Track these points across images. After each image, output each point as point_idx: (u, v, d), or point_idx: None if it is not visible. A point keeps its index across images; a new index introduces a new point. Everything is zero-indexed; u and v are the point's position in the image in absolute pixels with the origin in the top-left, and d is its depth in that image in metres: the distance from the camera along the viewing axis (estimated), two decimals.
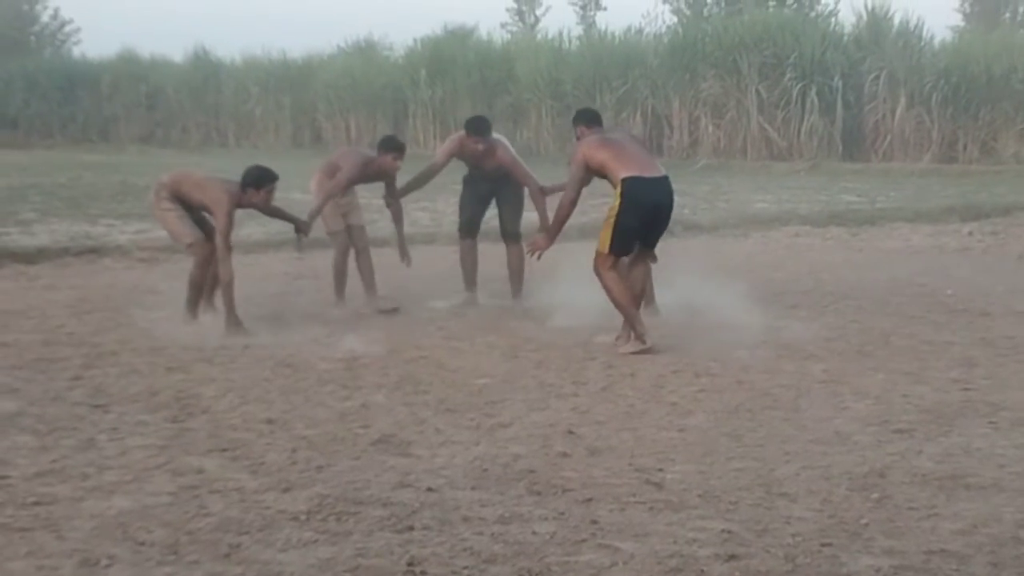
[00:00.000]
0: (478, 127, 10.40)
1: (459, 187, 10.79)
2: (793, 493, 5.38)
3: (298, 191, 12.64)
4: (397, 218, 10.66)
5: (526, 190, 10.57)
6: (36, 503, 5.15)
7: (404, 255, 10.60)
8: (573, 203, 8.95)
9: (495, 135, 10.66)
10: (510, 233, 10.67)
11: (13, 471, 5.61)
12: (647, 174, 8.74)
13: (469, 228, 10.71)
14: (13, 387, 7.30)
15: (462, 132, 10.51)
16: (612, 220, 8.70)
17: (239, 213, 9.38)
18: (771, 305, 10.35)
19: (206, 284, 9.40)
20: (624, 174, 8.63)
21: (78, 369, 7.85)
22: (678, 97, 32.11)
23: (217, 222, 9.09)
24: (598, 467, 5.79)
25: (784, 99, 30.39)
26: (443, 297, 10.62)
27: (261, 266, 12.45)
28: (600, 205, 10.58)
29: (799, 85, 30.07)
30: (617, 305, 8.72)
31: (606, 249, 8.70)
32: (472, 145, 10.31)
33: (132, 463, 5.78)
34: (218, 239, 9.04)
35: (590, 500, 5.27)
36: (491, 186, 10.61)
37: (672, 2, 46.20)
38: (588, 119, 9.57)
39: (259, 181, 9.26)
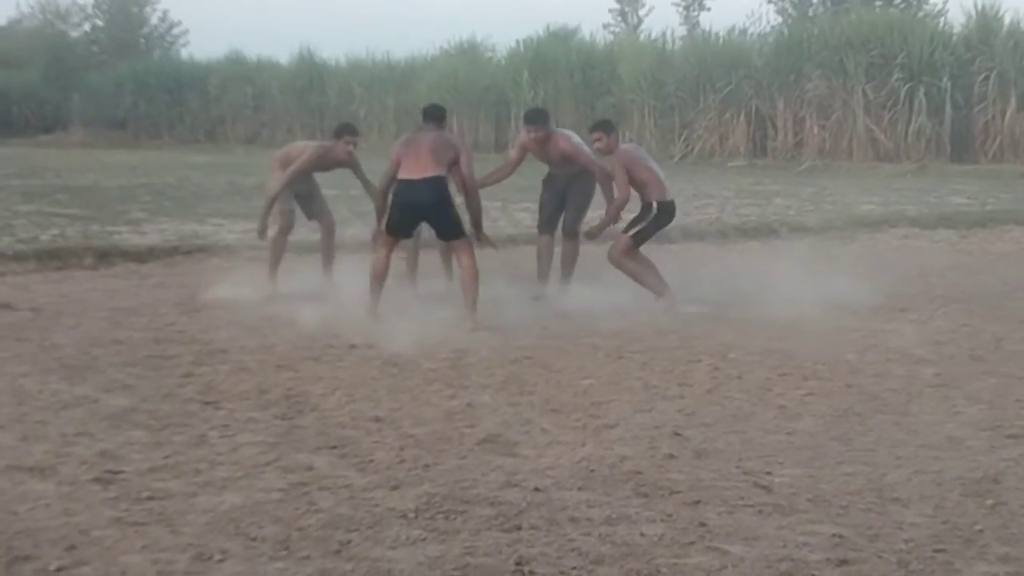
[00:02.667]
0: (533, 117, 11.14)
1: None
2: (905, 498, 5.30)
3: None
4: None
5: (594, 195, 11.02)
6: (150, 498, 5.23)
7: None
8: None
9: (563, 130, 11.34)
10: (569, 230, 11.05)
11: (127, 466, 5.71)
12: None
13: (547, 225, 11.16)
14: (126, 383, 7.42)
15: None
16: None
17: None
18: (880, 308, 10.23)
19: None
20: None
21: (189, 366, 7.96)
22: (783, 98, 31.88)
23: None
24: (705, 469, 5.75)
25: (891, 100, 30.04)
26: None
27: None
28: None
29: (906, 86, 29.70)
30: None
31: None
32: (529, 135, 10.79)
33: (243, 459, 5.85)
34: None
35: (698, 502, 5.24)
36: (565, 184, 11.01)
37: (777, 2, 45.87)
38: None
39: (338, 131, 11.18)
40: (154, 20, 59.13)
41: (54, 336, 8.85)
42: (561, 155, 10.82)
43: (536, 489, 5.38)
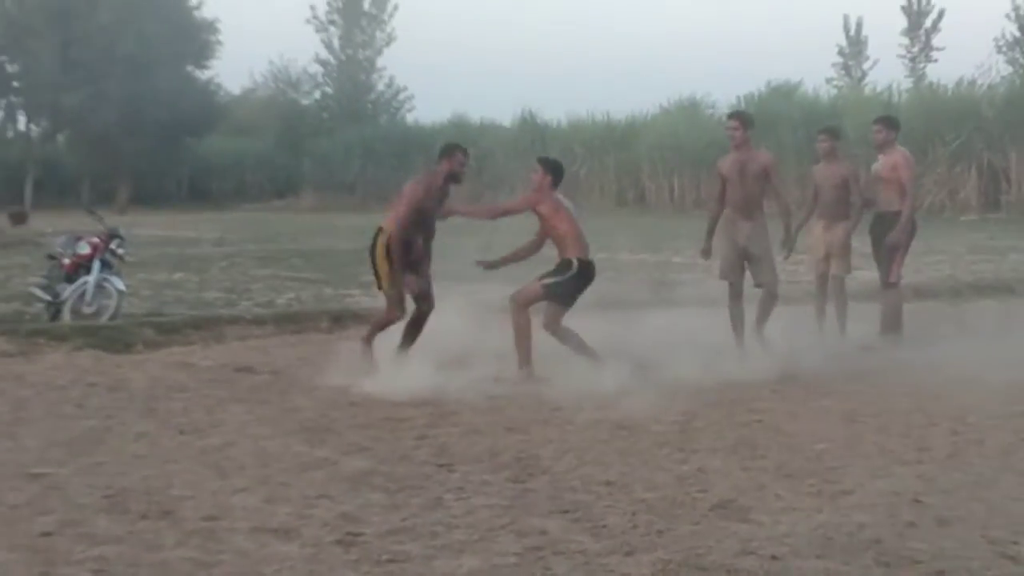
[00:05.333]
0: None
1: None
2: None
3: (625, 251, 12.75)
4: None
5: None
6: (390, 560, 5.34)
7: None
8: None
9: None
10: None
11: (367, 528, 5.84)
12: None
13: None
14: (363, 446, 7.60)
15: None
16: None
17: None
18: None
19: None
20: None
21: (422, 428, 8.11)
22: (1016, 150, 30.88)
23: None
24: (948, 538, 5.59)
25: None
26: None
27: None
28: None
29: None
30: None
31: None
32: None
33: (478, 523, 5.92)
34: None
35: (941, 573, 5.10)
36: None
37: (1007, 52, 44.58)
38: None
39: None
40: (381, 87, 60.75)
41: (293, 399, 9.13)
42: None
43: (773, 557, 5.30)
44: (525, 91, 78.77)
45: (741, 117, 11.13)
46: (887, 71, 76.75)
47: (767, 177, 10.80)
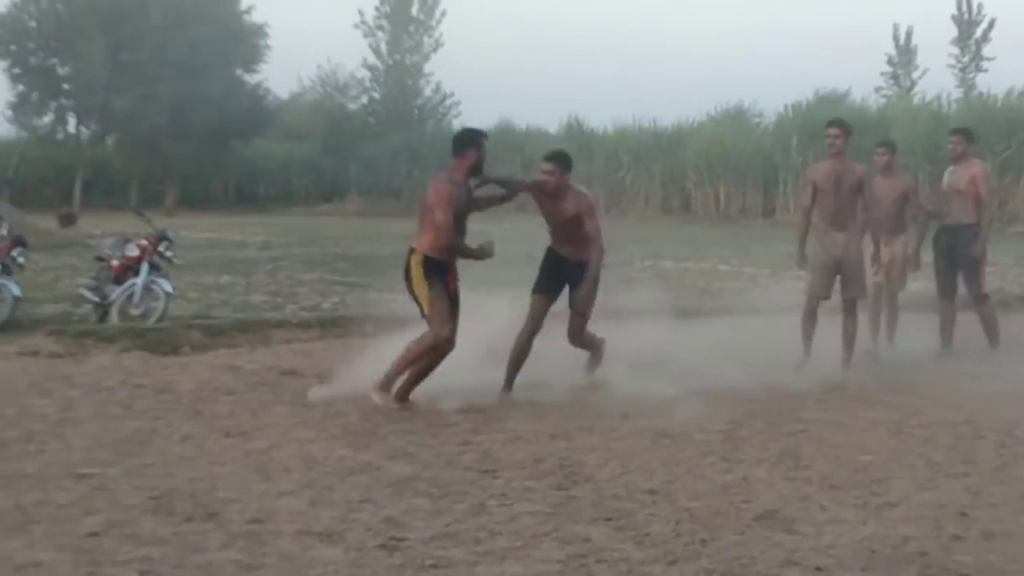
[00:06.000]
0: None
1: None
2: None
3: (670, 259, 12.72)
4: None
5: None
6: (434, 566, 5.36)
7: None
8: None
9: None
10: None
11: (411, 533, 5.85)
12: None
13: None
14: (407, 451, 7.62)
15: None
16: None
17: None
18: None
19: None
20: None
21: (467, 434, 8.11)
22: None
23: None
24: (995, 552, 5.56)
25: None
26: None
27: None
28: None
29: None
30: None
31: None
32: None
33: (521, 529, 5.93)
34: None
35: None
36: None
37: None
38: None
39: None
40: (428, 92, 60.78)
41: (338, 403, 9.15)
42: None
43: (818, 568, 5.29)
44: (572, 97, 78.69)
45: (843, 125, 10.83)
46: (936, 81, 76.02)
47: (860, 189, 10.66)
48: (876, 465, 7.29)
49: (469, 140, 9.40)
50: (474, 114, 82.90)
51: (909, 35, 55.94)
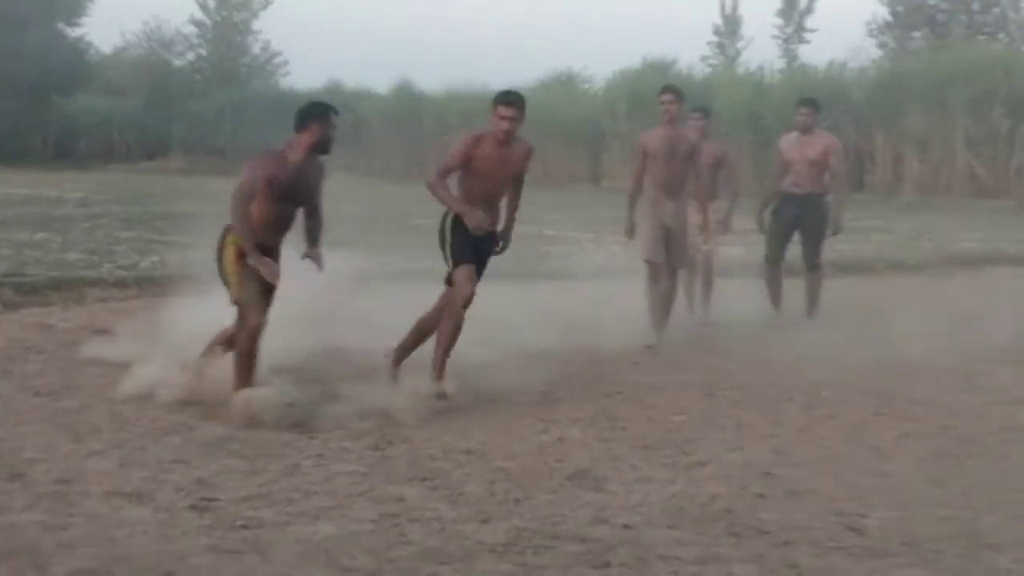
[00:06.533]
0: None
1: None
2: (999, 543, 5.23)
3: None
4: None
5: None
6: (245, 526, 5.31)
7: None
8: None
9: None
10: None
11: (223, 494, 5.79)
12: None
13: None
14: (222, 412, 7.51)
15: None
16: None
17: None
18: (978, 348, 10.06)
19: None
20: None
21: None
22: (881, 132, 31.57)
23: None
24: (797, 510, 5.72)
25: (993, 136, 29.61)
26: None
27: None
28: None
29: (1009, 122, 29.25)
30: None
31: None
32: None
33: (336, 489, 5.91)
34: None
35: (789, 543, 5.21)
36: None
37: (878, 36, 45.47)
38: None
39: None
40: (256, 50, 59.85)
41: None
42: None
43: (626, 526, 5.38)
44: (403, 59, 78.39)
45: (677, 92, 10.73)
46: (761, 51, 77.79)
47: (692, 157, 10.51)
48: (687, 426, 7.44)
49: (313, 114, 8.02)
50: (302, 73, 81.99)
51: (736, 5, 56.91)
